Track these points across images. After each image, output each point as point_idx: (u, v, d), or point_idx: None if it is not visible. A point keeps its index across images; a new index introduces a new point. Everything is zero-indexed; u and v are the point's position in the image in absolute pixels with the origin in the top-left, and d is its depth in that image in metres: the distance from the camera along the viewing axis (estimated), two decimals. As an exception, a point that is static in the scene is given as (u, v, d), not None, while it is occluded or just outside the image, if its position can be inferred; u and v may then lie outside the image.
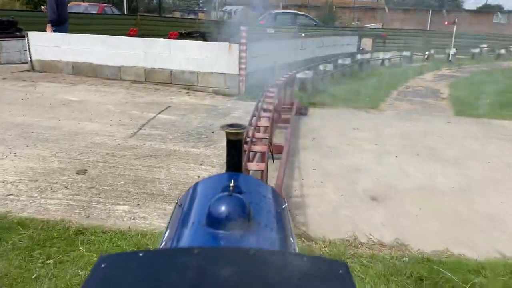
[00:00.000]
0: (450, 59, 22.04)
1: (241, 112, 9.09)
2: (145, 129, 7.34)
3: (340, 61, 15.06)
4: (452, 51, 22.35)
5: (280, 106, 7.81)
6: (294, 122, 7.79)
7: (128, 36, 16.38)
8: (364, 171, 5.76)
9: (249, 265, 0.95)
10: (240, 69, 10.92)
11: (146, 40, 11.67)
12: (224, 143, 1.76)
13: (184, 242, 1.33)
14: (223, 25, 29.21)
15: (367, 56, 17.98)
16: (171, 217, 1.60)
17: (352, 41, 20.54)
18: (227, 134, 1.78)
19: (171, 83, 11.45)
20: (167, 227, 1.55)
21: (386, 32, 30.84)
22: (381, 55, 19.66)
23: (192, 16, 39.17)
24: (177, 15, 41.99)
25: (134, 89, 10.81)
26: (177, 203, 1.64)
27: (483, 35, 32.96)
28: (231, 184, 1.41)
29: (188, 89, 11.28)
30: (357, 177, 5.54)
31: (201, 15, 40.45)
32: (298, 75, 11.09)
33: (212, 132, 7.35)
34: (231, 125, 1.80)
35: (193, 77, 11.29)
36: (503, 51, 27.46)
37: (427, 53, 23.50)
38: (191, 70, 11.24)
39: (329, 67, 13.36)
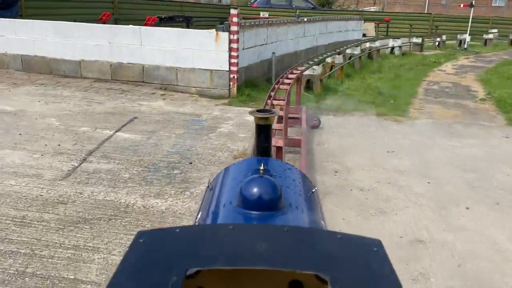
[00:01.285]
0: (465, 46, 19.80)
1: (232, 124, 6.80)
2: (91, 161, 5.02)
3: (348, 51, 12.79)
4: (468, 37, 20.08)
5: (286, 116, 5.61)
6: (305, 141, 5.52)
7: (100, 22, 13.89)
8: (433, 249, 3.52)
9: (284, 241, 0.94)
10: (230, 64, 8.58)
11: (111, 27, 9.25)
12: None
13: (217, 221, 1.39)
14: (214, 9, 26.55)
15: (377, 44, 15.71)
16: (202, 199, 1.66)
17: (357, 26, 18.22)
18: (256, 119, 1.79)
19: (143, 81, 9.08)
20: (199, 209, 1.61)
21: (389, 16, 28.40)
22: (391, 42, 17.38)
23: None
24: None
25: (94, 90, 8.43)
26: (208, 187, 1.70)
27: (488, 19, 30.67)
28: (261, 168, 1.43)
29: (165, 89, 8.93)
30: (425, 266, 3.30)
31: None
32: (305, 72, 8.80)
33: (191, 163, 5.06)
34: (260, 110, 1.81)
35: (170, 74, 8.92)
36: (516, 36, 25.21)
37: (438, 39, 21.21)
38: (168, 65, 8.88)
39: (338, 59, 11.09)
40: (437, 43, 21.24)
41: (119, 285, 0.84)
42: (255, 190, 1.31)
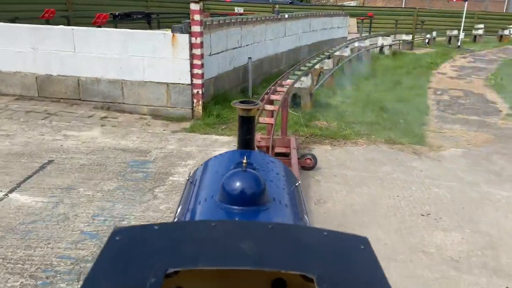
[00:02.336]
0: (459, 44, 18.17)
1: (194, 165, 4.77)
2: None
3: (337, 53, 10.91)
4: (462, 34, 18.47)
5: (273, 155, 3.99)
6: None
7: (43, 20, 11.59)
8: None
9: (269, 240, 0.91)
10: (193, 75, 6.52)
11: (37, 28, 7.03)
12: None
13: (198, 217, 1.35)
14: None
15: (366, 43, 13.87)
16: (182, 193, 1.62)
17: (342, 23, 16.36)
18: (239, 110, 1.75)
19: (79, 99, 6.92)
20: (179, 203, 1.55)
21: (372, 11, 26.68)
22: (380, 40, 15.60)
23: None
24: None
25: (7, 115, 6.24)
26: (188, 180, 1.66)
27: (473, 13, 29.29)
28: (244, 161, 1.37)
29: (108, 109, 6.81)
30: None
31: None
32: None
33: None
34: (242, 101, 1.77)
35: (115, 89, 6.80)
36: (506, 32, 23.83)
37: (428, 36, 19.57)
38: (111, 77, 6.76)
39: (328, 64, 9.17)
40: (427, 41, 19.57)
41: (94, 285, 0.78)
42: (238, 184, 1.27)
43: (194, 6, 6.20)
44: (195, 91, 6.59)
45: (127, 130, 5.96)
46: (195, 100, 6.63)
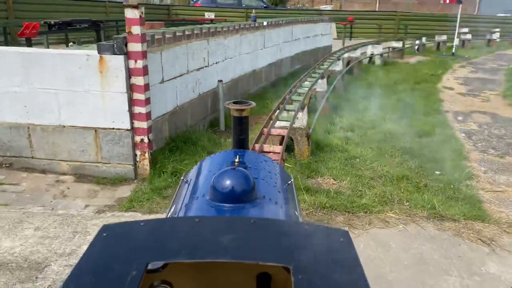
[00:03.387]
0: (453, 50, 16.48)
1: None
2: None
3: (328, 67, 8.92)
4: (456, 40, 16.80)
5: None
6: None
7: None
8: None
9: (249, 233, 0.93)
10: (134, 116, 4.34)
11: None
12: None
13: (188, 215, 1.34)
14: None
15: (357, 53, 11.91)
16: (176, 193, 1.62)
17: (326, 30, 14.40)
18: (232, 111, 1.79)
19: (-35, 153, 4.64)
20: (172, 203, 1.56)
21: (351, 15, 24.96)
22: (369, 49, 13.73)
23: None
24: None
25: None
26: (183, 179, 1.68)
27: (455, 16, 27.99)
28: (236, 160, 1.42)
29: (9, 166, 4.56)
30: None
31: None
32: (276, 124, 4.74)
33: None
34: (236, 102, 1.82)
35: (19, 137, 4.55)
36: (495, 36, 22.46)
37: (417, 42, 17.86)
38: (12, 121, 4.51)
39: (321, 85, 7.14)
40: (416, 47, 17.85)
41: (78, 279, 0.81)
42: (226, 182, 1.29)
43: (130, 13, 4.02)
44: (138, 138, 4.41)
45: (23, 211, 3.72)
46: (138, 152, 4.45)
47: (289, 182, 1.68)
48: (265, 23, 8.85)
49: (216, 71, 6.59)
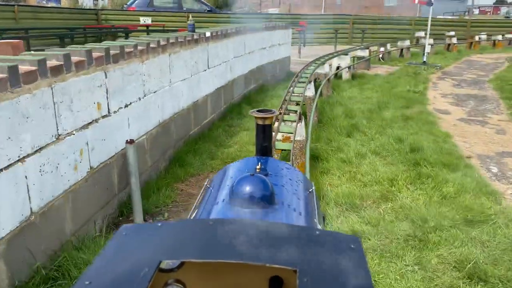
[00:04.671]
0: (424, 59, 14.56)
1: None
2: None
3: (297, 91, 6.47)
4: (428, 47, 14.91)
5: None
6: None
7: None
8: None
9: (260, 236, 0.94)
10: None
11: None
12: None
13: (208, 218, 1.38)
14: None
15: (325, 68, 9.51)
16: (199, 197, 1.65)
17: (285, 38, 11.95)
18: (256, 119, 1.82)
19: None
20: (194, 207, 1.60)
21: (303, 19, 22.82)
22: (335, 61, 11.46)
23: (53, 4, 26.50)
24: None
25: None
26: (206, 185, 1.71)
27: (410, 20, 26.66)
28: (257, 167, 1.50)
29: None
30: None
31: (64, 2, 28.19)
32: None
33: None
34: (260, 110, 1.85)
35: None
36: (454, 40, 21.09)
37: (382, 50, 15.91)
38: None
39: (299, 131, 4.66)
40: (380, 56, 15.89)
41: (93, 274, 0.84)
42: (244, 187, 1.32)
43: None
44: None
45: None
46: None
47: (310, 190, 1.67)
48: (207, 34, 6.24)
49: (126, 119, 3.91)
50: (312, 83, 7.31)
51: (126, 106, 3.92)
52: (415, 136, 6.33)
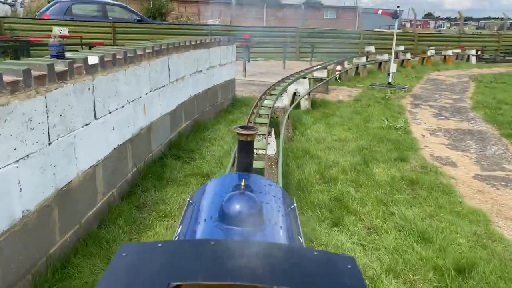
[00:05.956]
0: (389, 79, 12.48)
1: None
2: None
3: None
4: (393, 66, 12.80)
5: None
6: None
7: None
8: None
9: (262, 257, 0.96)
10: None
11: None
12: None
13: (197, 237, 1.38)
14: None
15: (284, 101, 7.05)
16: (183, 214, 1.65)
17: (227, 57, 9.32)
18: (239, 135, 1.80)
19: None
20: (180, 224, 1.60)
21: (249, 32, 20.39)
22: (292, 87, 9.08)
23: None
24: None
25: None
26: (188, 201, 1.70)
27: (358, 33, 25.11)
28: (242, 184, 1.41)
29: None
30: None
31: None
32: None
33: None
34: (242, 127, 1.85)
35: None
36: (408, 55, 19.58)
37: (338, 68, 13.79)
38: None
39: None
40: (337, 75, 13.75)
41: None
42: (235, 206, 1.31)
43: None
44: None
45: None
46: None
47: (292, 207, 1.68)
48: (93, 61, 3.50)
49: None
50: (272, 131, 4.76)
51: None
52: (438, 223, 3.96)
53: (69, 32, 17.21)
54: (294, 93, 9.33)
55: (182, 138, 6.29)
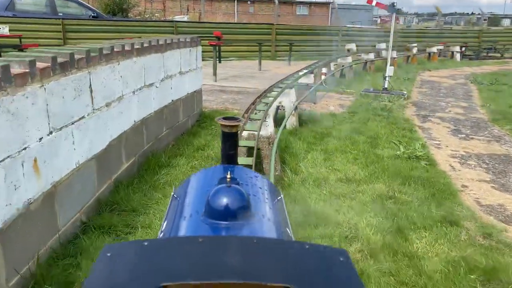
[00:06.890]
0: (385, 85, 10.65)
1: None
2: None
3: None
4: (390, 69, 11.00)
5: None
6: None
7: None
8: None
9: (253, 254, 0.93)
10: None
11: None
12: None
13: (183, 233, 1.32)
14: None
15: (269, 128, 5.15)
16: (168, 209, 1.57)
17: (191, 62, 7.26)
18: (222, 126, 1.75)
19: None
20: (165, 219, 1.52)
21: (220, 29, 18.20)
22: (279, 100, 7.12)
23: None
24: None
25: None
26: (173, 195, 1.62)
27: (337, 30, 23.33)
28: (228, 176, 1.37)
29: None
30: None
31: None
32: None
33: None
34: (226, 118, 1.75)
35: None
36: (394, 54, 17.86)
37: (324, 71, 11.93)
38: None
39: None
40: (323, 80, 11.81)
41: None
42: (222, 200, 1.25)
43: None
44: None
45: None
46: None
47: (279, 198, 1.64)
48: None
49: None
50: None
51: None
52: None
53: (9, 31, 14.61)
54: (277, 107, 7.36)
55: (119, 190, 4.21)
